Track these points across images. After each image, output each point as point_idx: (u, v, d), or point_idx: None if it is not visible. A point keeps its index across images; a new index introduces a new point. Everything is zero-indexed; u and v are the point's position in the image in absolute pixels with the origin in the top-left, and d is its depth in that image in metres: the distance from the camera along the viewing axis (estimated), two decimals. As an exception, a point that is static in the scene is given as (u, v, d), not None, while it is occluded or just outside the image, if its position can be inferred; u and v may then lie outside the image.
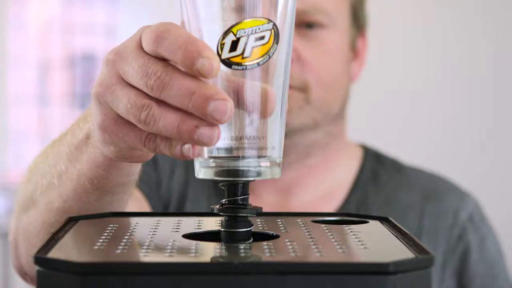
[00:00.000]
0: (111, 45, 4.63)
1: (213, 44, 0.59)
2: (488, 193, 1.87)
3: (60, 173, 0.79)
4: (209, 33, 0.60)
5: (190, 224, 0.70)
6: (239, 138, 0.60)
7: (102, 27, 4.69)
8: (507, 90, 2.48)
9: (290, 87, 1.16)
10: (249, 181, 0.62)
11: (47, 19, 4.63)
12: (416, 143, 2.47)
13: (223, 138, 0.60)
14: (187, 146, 0.59)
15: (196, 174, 0.63)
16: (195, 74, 0.57)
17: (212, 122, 0.57)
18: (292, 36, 0.62)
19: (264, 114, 0.60)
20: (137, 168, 0.77)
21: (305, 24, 1.13)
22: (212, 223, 0.69)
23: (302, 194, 1.20)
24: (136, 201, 0.83)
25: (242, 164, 0.60)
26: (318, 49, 1.13)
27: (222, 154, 0.60)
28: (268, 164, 0.61)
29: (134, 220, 0.73)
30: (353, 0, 1.19)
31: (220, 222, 0.63)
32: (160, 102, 0.58)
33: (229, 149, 0.60)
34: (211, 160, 0.61)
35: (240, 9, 0.59)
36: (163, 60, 0.58)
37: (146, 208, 1.04)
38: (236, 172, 0.61)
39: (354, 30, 1.19)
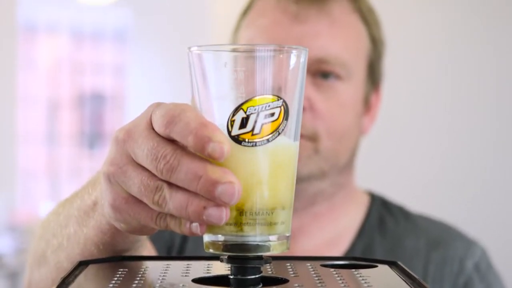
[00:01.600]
0: (119, 84, 4.67)
1: (223, 120, 0.60)
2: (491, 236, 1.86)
3: (69, 235, 0.80)
4: (219, 110, 0.61)
5: (199, 268, 0.70)
6: (248, 213, 0.60)
7: (111, 67, 4.72)
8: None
9: (301, 136, 1.16)
10: (258, 256, 0.62)
11: (56, 59, 4.67)
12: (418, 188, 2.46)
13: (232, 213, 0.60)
14: (194, 224, 0.60)
15: (204, 248, 0.63)
16: (206, 158, 0.58)
17: (220, 204, 0.58)
18: (301, 110, 0.63)
19: (273, 189, 0.60)
20: (142, 236, 0.78)
21: (321, 73, 1.12)
22: (221, 267, 0.69)
23: (306, 242, 1.18)
24: (145, 250, 0.83)
25: (251, 240, 0.61)
26: (331, 100, 1.12)
27: (231, 229, 0.61)
28: (276, 238, 0.62)
29: (143, 264, 0.73)
30: (371, 55, 1.18)
31: (229, 266, 0.64)
32: (171, 182, 0.59)
33: (238, 224, 0.60)
34: (220, 234, 0.61)
35: (250, 87, 0.60)
36: (172, 141, 0.60)
37: (153, 253, 1.04)
38: (245, 247, 0.61)
39: (369, 85, 1.18)
